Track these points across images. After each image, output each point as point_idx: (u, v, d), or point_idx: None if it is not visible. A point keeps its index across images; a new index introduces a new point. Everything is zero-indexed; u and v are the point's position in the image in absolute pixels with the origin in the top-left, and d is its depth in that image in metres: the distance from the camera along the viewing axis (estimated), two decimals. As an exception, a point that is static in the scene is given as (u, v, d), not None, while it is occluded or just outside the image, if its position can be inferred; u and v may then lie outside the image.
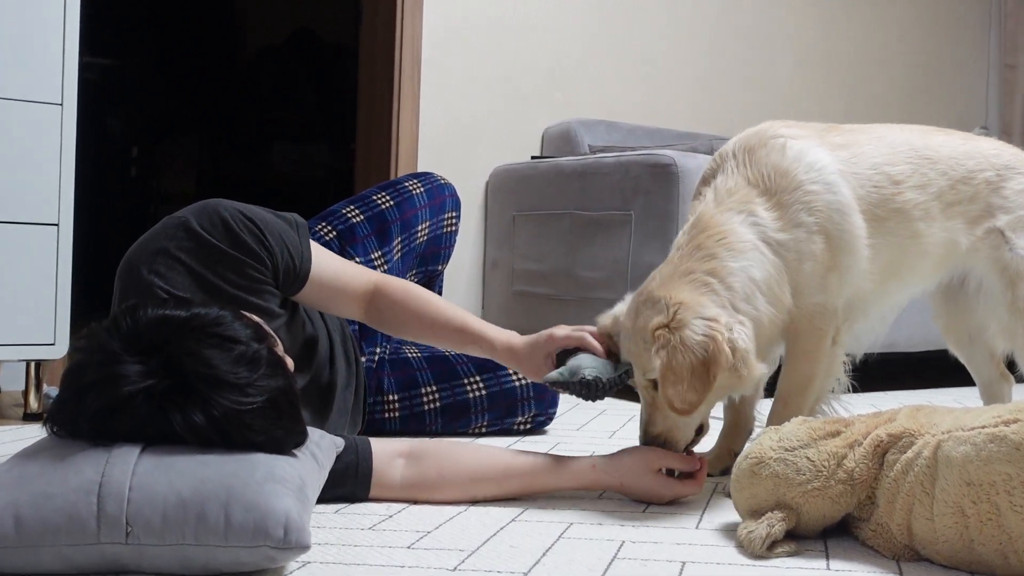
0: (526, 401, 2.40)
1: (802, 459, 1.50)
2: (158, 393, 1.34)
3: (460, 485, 1.69)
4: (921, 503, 1.41)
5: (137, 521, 1.27)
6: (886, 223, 1.89)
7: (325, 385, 2.02)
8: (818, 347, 1.85)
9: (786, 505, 1.50)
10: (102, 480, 1.29)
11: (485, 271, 3.82)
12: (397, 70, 3.67)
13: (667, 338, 1.66)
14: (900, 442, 1.47)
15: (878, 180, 1.89)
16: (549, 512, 1.67)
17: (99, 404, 1.34)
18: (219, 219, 1.67)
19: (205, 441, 1.35)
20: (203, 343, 1.37)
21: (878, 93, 4.96)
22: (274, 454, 1.39)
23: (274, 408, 1.39)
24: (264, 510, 1.29)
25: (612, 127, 3.97)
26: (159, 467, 1.32)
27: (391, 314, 1.86)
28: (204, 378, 1.34)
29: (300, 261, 1.75)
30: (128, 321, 1.38)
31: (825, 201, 1.81)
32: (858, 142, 1.93)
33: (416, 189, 2.47)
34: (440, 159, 3.74)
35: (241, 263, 1.67)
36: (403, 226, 2.42)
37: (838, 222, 1.82)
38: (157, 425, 1.34)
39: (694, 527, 1.62)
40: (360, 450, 1.68)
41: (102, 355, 1.35)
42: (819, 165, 1.83)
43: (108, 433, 1.35)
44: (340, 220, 2.37)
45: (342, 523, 1.58)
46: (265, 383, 1.38)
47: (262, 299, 1.71)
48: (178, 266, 1.64)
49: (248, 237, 1.67)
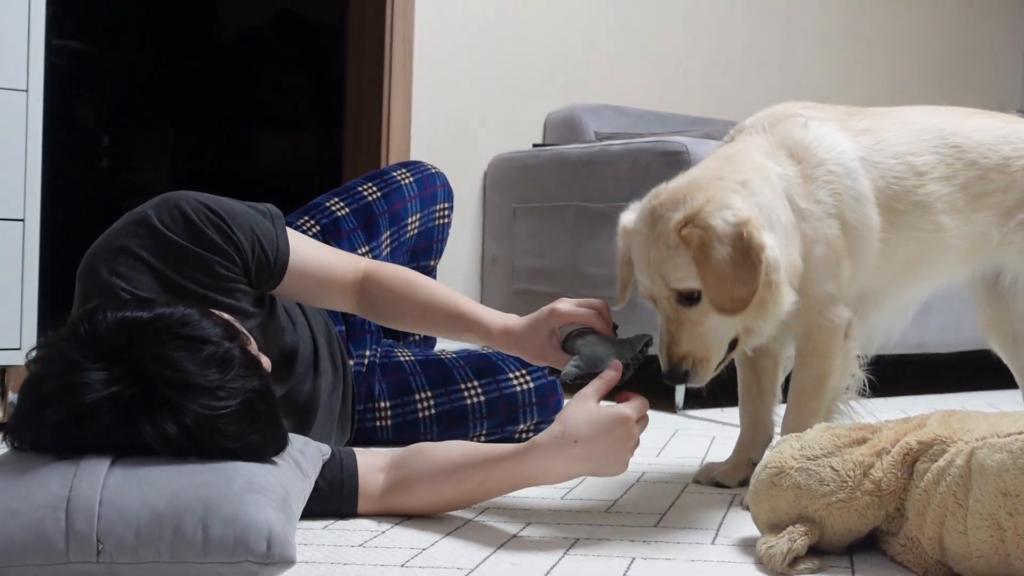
0: (528, 407, 2.40)
1: (826, 468, 1.50)
2: (124, 401, 1.33)
3: (420, 487, 1.67)
4: (954, 515, 1.41)
5: (109, 538, 1.27)
6: (905, 216, 1.89)
7: (307, 393, 2.02)
8: (830, 342, 1.85)
9: (809, 518, 1.50)
10: (70, 495, 1.29)
11: (483, 268, 3.82)
12: (388, 53, 3.67)
13: (696, 235, 1.63)
14: (931, 450, 1.47)
15: (900, 171, 1.89)
16: (553, 527, 1.67)
17: (61, 415, 1.33)
18: (180, 213, 1.66)
19: (178, 451, 1.35)
20: (169, 345, 1.36)
21: (905, 77, 4.96)
22: (253, 462, 1.39)
23: (249, 411, 1.39)
24: (245, 523, 1.29)
25: (620, 112, 3.97)
26: (131, 480, 1.31)
27: (384, 301, 1.84)
28: (172, 383, 1.34)
29: (275, 253, 1.74)
30: (87, 326, 1.38)
31: (844, 186, 1.83)
32: (882, 127, 1.93)
33: (405, 179, 2.47)
34: (434, 148, 3.74)
35: (207, 260, 1.67)
36: (392, 219, 2.42)
37: (854, 210, 1.83)
38: (125, 435, 1.34)
39: (710, 542, 1.61)
40: (345, 465, 1.68)
41: (61, 364, 1.35)
42: (840, 148, 1.85)
43: (73, 445, 1.35)
44: (324, 213, 2.37)
45: (331, 539, 1.58)
46: (238, 384, 1.38)
47: (233, 298, 1.70)
48: (140, 265, 1.64)
49: (212, 232, 1.67)
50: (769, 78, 4.54)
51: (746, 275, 1.63)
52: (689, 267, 1.66)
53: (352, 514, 1.69)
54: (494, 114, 3.88)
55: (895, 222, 1.88)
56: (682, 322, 1.69)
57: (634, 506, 1.84)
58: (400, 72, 3.69)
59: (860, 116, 1.95)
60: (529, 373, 2.42)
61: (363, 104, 3.79)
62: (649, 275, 1.72)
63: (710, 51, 4.39)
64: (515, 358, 2.44)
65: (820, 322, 1.85)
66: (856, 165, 1.85)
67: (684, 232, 1.65)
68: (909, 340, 3.20)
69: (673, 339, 1.70)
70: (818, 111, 1.92)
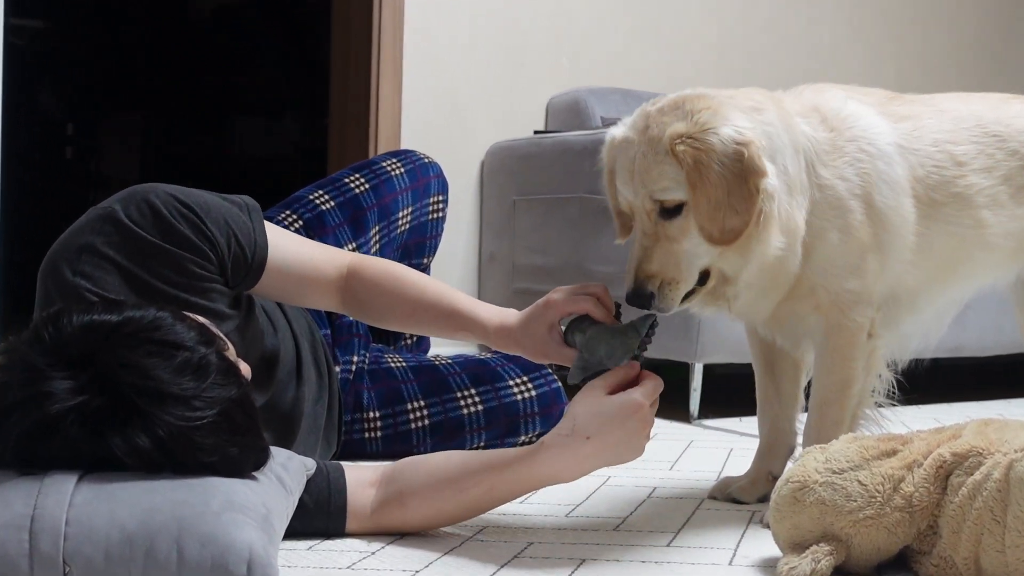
0: (530, 417, 2.41)
1: (853, 483, 1.51)
2: (91, 412, 1.34)
3: (417, 500, 1.68)
4: (991, 533, 1.41)
5: (76, 560, 1.28)
6: (943, 209, 1.90)
7: (290, 402, 2.02)
8: (853, 343, 1.85)
9: (834, 536, 1.50)
10: (34, 514, 1.29)
11: (481, 266, 3.82)
12: (376, 30, 3.68)
13: (691, 152, 1.63)
14: (966, 462, 1.47)
15: (940, 159, 1.90)
16: (558, 547, 1.68)
17: (23, 427, 1.34)
18: (148, 207, 1.66)
19: (151, 465, 1.36)
20: (139, 350, 1.37)
21: (938, 57, 4.96)
22: (231, 477, 1.40)
23: (228, 422, 1.39)
24: (223, 544, 1.29)
25: (627, 96, 3.97)
26: (99, 497, 1.32)
27: (371, 298, 1.84)
28: (143, 391, 1.34)
29: (252, 249, 1.74)
30: (51, 330, 1.38)
31: (876, 168, 1.83)
32: (920, 114, 1.94)
33: (395, 170, 2.47)
34: (427, 135, 3.74)
35: (179, 258, 1.67)
36: (381, 213, 2.42)
37: (886, 195, 1.83)
38: (94, 448, 1.35)
39: (727, 563, 1.62)
40: (332, 480, 1.68)
41: (24, 372, 1.35)
42: (878, 130, 1.86)
43: (37, 460, 1.35)
44: (307, 207, 2.37)
45: (316, 562, 1.58)
46: (215, 393, 1.38)
47: (207, 298, 1.71)
48: (106, 264, 1.64)
49: (184, 226, 1.67)
50: (791, 59, 4.55)
51: (741, 203, 1.63)
52: (677, 176, 1.66)
53: (339, 533, 1.69)
54: (492, 98, 3.88)
55: (932, 214, 1.89)
56: (658, 237, 1.69)
57: (645, 524, 1.84)
58: (389, 52, 3.69)
59: (900, 102, 1.95)
60: (531, 380, 2.42)
61: (349, 87, 3.79)
62: (632, 184, 1.71)
63: (727, 29, 4.40)
64: (515, 364, 2.44)
65: (841, 322, 1.85)
66: (892, 150, 1.85)
67: (679, 148, 1.65)
68: (945, 343, 3.19)
69: (645, 254, 1.69)
70: (858, 93, 1.92)
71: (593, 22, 4.09)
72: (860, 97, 1.92)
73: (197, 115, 7.41)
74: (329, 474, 1.68)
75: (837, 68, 4.65)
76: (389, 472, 1.72)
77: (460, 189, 3.76)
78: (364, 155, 3.68)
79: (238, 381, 1.43)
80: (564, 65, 4.02)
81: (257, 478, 1.44)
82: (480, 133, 3.84)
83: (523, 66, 3.94)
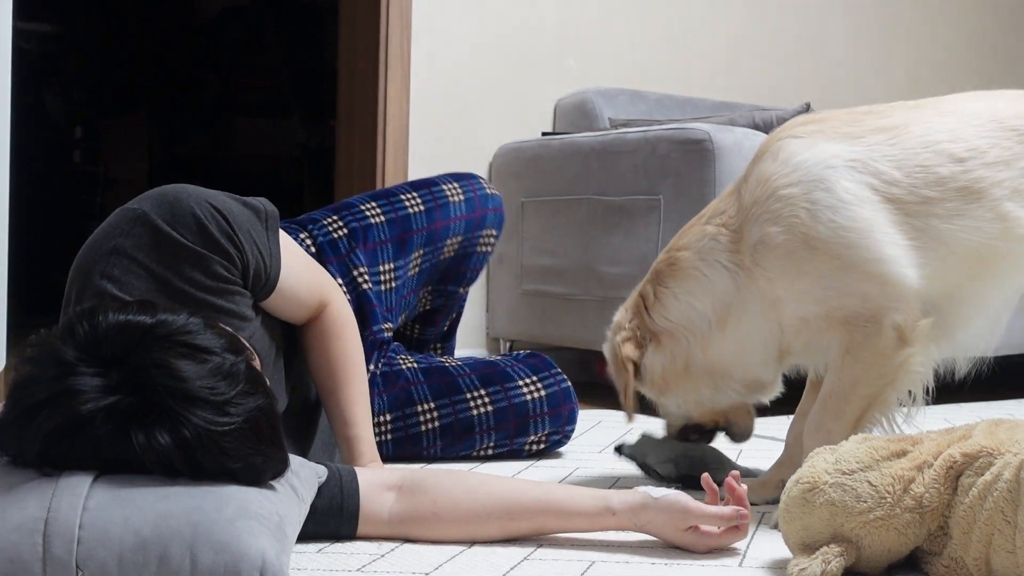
0: (539, 418, 2.41)
1: (862, 484, 1.51)
2: (121, 411, 1.34)
3: (456, 524, 1.70)
4: (1002, 533, 1.41)
5: (89, 564, 1.28)
6: (943, 205, 1.89)
7: (312, 403, 2.03)
8: (865, 344, 1.88)
9: (844, 538, 1.51)
10: (48, 517, 1.30)
11: (489, 267, 3.83)
12: (384, 32, 3.68)
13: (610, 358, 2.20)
14: (976, 463, 1.48)
15: (926, 159, 1.90)
16: (566, 550, 1.69)
17: (52, 425, 1.34)
18: (181, 209, 1.67)
19: (168, 467, 1.36)
20: (171, 352, 1.37)
21: (949, 57, 4.94)
22: (249, 485, 1.40)
23: (254, 430, 1.40)
24: (236, 551, 1.29)
25: (636, 97, 3.98)
26: (114, 501, 1.32)
27: (317, 343, 1.91)
28: (175, 393, 1.35)
29: (269, 260, 1.76)
30: (85, 326, 1.39)
31: (807, 203, 1.89)
32: (911, 121, 1.94)
33: (455, 196, 2.44)
34: (435, 137, 3.75)
35: (209, 260, 1.68)
36: (429, 237, 2.40)
37: (825, 220, 1.88)
38: (115, 449, 1.35)
39: (737, 565, 1.62)
40: (345, 484, 1.69)
41: (55, 367, 1.36)
42: (807, 164, 1.91)
43: (59, 459, 1.36)
44: (356, 216, 2.35)
45: (326, 564, 1.59)
46: (244, 401, 1.39)
47: (232, 302, 1.72)
48: (135, 268, 1.65)
49: (216, 230, 1.68)
50: (799, 59, 4.55)
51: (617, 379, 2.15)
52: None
53: (351, 537, 1.70)
54: (500, 100, 3.89)
55: (927, 211, 1.89)
56: None
57: (655, 526, 1.84)
58: (397, 53, 3.70)
59: (878, 115, 1.96)
60: (540, 380, 2.43)
61: (356, 88, 3.79)
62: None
63: (736, 30, 4.40)
64: (525, 364, 2.45)
65: (852, 324, 1.88)
66: (833, 173, 1.89)
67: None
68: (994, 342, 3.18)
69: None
70: (817, 124, 1.97)
71: (601, 23, 4.09)
72: (815, 129, 1.96)
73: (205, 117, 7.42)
74: (342, 478, 1.69)
75: (847, 69, 4.65)
76: (412, 481, 1.72)
77: (468, 190, 3.78)
78: (371, 155, 3.68)
79: (265, 391, 1.44)
80: (572, 66, 4.03)
81: (272, 486, 1.45)
82: (488, 134, 3.84)
83: (531, 67, 3.95)
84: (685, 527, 1.66)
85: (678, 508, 1.66)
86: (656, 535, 1.70)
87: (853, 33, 4.69)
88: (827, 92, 4.53)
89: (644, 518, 1.68)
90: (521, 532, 1.71)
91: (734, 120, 3.29)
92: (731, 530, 1.67)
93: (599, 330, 3.49)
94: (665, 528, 1.68)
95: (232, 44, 7.39)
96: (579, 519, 1.70)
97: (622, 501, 1.69)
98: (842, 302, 1.88)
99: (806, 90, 4.42)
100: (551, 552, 1.67)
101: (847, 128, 1.95)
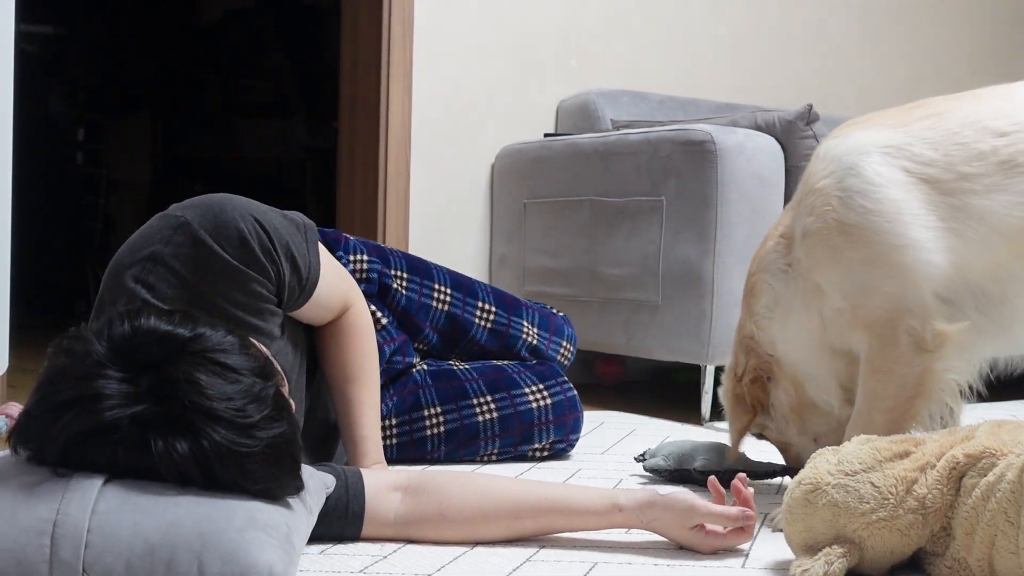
0: (544, 426, 2.41)
1: (865, 485, 1.51)
2: (144, 419, 1.34)
3: (462, 524, 1.70)
4: (1005, 534, 1.41)
5: (96, 569, 1.28)
6: (984, 180, 1.81)
7: (331, 424, 2.03)
8: (882, 353, 1.83)
9: (847, 539, 1.51)
10: (56, 519, 1.30)
11: (491, 268, 3.83)
12: (386, 34, 3.68)
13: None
14: (980, 463, 1.48)
15: (967, 136, 1.84)
16: (569, 551, 1.69)
17: (76, 429, 1.33)
18: (228, 222, 1.66)
19: (183, 477, 1.36)
20: (202, 368, 1.37)
21: (951, 55, 4.94)
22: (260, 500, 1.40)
23: (275, 457, 1.39)
24: (244, 563, 1.29)
25: (638, 98, 3.98)
26: (124, 506, 1.32)
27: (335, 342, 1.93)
28: (199, 409, 1.34)
29: (307, 274, 1.76)
30: (126, 328, 1.38)
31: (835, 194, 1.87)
32: (952, 108, 1.89)
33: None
34: (437, 138, 3.75)
35: (247, 278, 1.67)
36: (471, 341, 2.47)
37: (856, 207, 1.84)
38: (133, 456, 1.34)
39: (740, 566, 1.63)
40: (351, 485, 1.69)
41: (86, 364, 1.35)
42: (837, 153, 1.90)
43: (78, 460, 1.35)
44: (417, 296, 2.40)
45: (329, 566, 1.59)
46: (268, 427, 1.38)
47: (263, 319, 1.72)
48: (171, 277, 1.64)
49: (257, 247, 1.67)
50: (801, 59, 4.54)
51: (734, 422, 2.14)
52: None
53: (355, 538, 1.70)
54: (502, 101, 3.89)
55: (966, 188, 1.81)
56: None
57: (658, 527, 1.85)
58: (399, 55, 3.70)
59: (926, 107, 1.92)
60: (547, 388, 2.42)
61: (358, 90, 3.80)
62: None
63: (737, 30, 4.40)
64: (531, 372, 2.44)
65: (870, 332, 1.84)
66: (864, 159, 1.86)
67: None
68: None
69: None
70: (863, 122, 1.95)
71: (603, 24, 4.09)
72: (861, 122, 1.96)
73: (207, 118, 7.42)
74: (348, 479, 1.69)
75: (848, 69, 4.65)
76: (417, 482, 1.72)
77: (470, 192, 3.77)
78: (373, 157, 3.67)
79: (290, 419, 1.43)
80: (574, 67, 4.03)
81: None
82: (490, 136, 3.84)
83: (533, 68, 3.95)
84: (691, 525, 1.67)
85: (684, 506, 1.67)
86: (662, 533, 1.70)
87: (855, 33, 4.69)
88: (829, 93, 4.53)
89: (650, 515, 1.68)
90: (527, 532, 1.72)
91: (736, 121, 3.29)
92: (737, 531, 1.68)
93: (601, 331, 3.50)
94: (671, 526, 1.68)
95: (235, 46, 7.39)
96: (586, 517, 1.71)
97: (629, 498, 1.69)
98: (863, 300, 1.84)
99: (808, 91, 4.42)
100: (554, 553, 1.67)
101: (891, 120, 1.92)
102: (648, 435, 2.80)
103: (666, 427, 2.95)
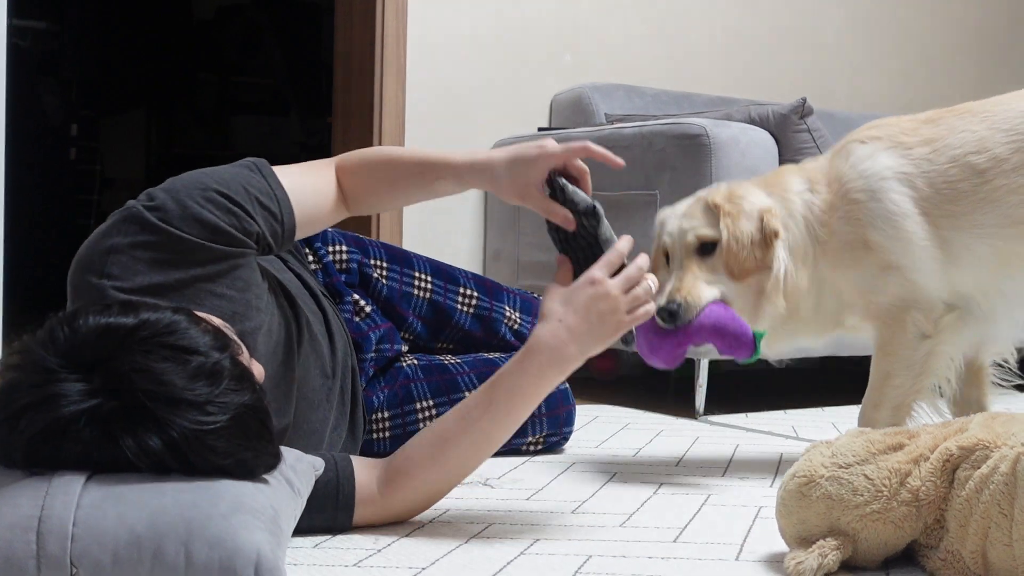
0: (537, 419, 2.40)
1: (859, 477, 1.51)
2: (103, 415, 1.34)
3: (427, 458, 1.72)
4: (998, 526, 1.41)
5: (83, 562, 1.28)
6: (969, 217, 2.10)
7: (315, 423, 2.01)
8: (892, 339, 2.15)
9: (841, 531, 1.51)
10: (41, 515, 1.30)
11: (486, 263, 3.83)
12: (379, 29, 3.68)
13: (727, 209, 2.12)
14: (973, 456, 1.48)
15: (953, 175, 2.11)
16: (564, 543, 1.69)
17: (35, 429, 1.34)
18: (186, 206, 1.62)
19: (161, 467, 1.36)
20: (153, 355, 1.36)
21: (944, 49, 4.94)
22: (242, 480, 1.40)
23: (240, 427, 1.39)
24: (231, 547, 1.29)
25: (632, 92, 3.98)
26: (108, 498, 1.32)
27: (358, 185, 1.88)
28: (156, 396, 1.34)
29: (279, 206, 1.72)
30: (66, 331, 1.38)
31: (866, 211, 2.14)
32: (952, 129, 2.13)
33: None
34: (431, 133, 3.75)
35: (209, 250, 1.62)
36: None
37: (881, 230, 2.13)
38: (105, 452, 1.35)
39: (733, 558, 1.63)
40: (340, 468, 1.70)
41: (37, 374, 1.35)
42: (871, 171, 2.15)
43: (47, 461, 1.35)
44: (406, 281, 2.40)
45: (323, 559, 1.59)
46: (229, 399, 1.38)
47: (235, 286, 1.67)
48: (134, 264, 1.60)
49: (214, 216, 1.63)
50: (795, 53, 4.54)
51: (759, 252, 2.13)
52: (715, 223, 2.14)
53: (349, 522, 1.71)
54: (496, 95, 3.88)
55: (954, 224, 2.11)
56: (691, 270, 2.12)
57: (651, 520, 1.85)
58: (393, 50, 3.69)
59: (932, 124, 2.16)
60: None
61: (352, 85, 3.79)
62: (679, 226, 2.17)
63: (731, 25, 4.39)
64: None
65: (884, 321, 2.15)
66: (886, 184, 2.14)
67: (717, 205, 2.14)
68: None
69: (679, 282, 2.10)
70: (880, 130, 2.20)
71: (597, 18, 4.09)
72: (878, 134, 2.18)
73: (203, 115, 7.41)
74: (337, 463, 1.71)
75: (840, 65, 4.65)
76: (389, 457, 1.77)
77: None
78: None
79: (252, 386, 1.43)
80: (568, 61, 4.02)
81: (266, 480, 1.45)
82: (484, 130, 3.84)
83: (527, 63, 3.94)
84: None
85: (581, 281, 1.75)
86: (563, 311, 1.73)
87: (849, 27, 4.69)
88: (823, 86, 4.53)
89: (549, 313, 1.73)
90: (484, 429, 1.73)
91: (730, 115, 3.28)
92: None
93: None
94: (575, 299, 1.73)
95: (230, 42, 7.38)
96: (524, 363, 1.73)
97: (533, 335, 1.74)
98: (877, 297, 2.14)
99: (802, 85, 4.43)
100: (548, 546, 1.67)
101: (902, 137, 2.17)
102: (642, 429, 2.80)
103: (660, 421, 2.95)
